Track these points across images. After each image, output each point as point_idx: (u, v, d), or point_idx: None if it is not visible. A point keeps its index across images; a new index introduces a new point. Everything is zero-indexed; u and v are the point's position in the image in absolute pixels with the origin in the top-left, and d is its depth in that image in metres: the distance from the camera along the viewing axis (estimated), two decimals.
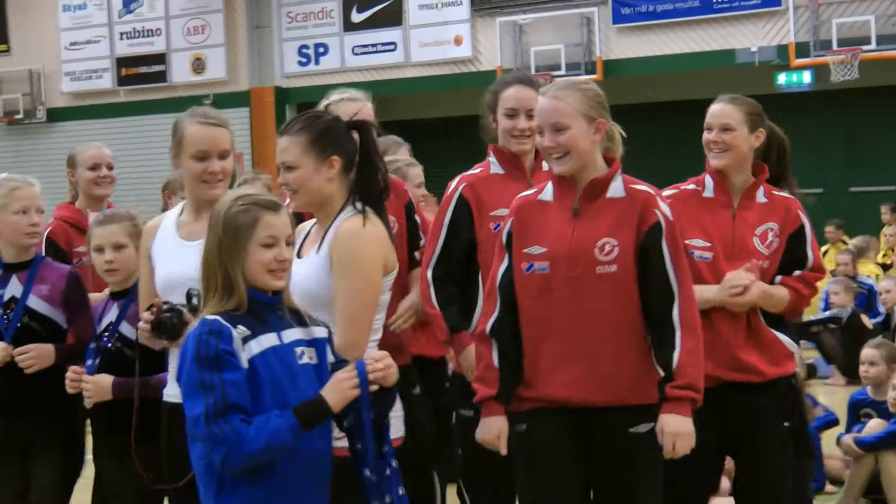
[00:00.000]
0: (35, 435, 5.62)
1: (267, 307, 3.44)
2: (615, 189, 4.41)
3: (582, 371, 4.23)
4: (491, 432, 4.34)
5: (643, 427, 4.28)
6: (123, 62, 26.11)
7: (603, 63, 21.81)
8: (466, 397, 4.90)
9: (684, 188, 5.07)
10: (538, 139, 4.51)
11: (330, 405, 3.29)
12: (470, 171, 5.25)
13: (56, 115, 26.95)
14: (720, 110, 4.94)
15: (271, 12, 25.31)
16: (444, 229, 5.12)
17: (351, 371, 3.42)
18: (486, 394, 4.40)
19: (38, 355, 5.47)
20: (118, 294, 5.39)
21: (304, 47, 24.80)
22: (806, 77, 20.04)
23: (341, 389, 3.33)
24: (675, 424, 4.13)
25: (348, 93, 5.65)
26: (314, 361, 3.47)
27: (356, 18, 24.00)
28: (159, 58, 25.78)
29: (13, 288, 5.60)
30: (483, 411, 4.44)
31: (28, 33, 27.75)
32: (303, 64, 24.88)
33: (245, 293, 3.36)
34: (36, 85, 27.11)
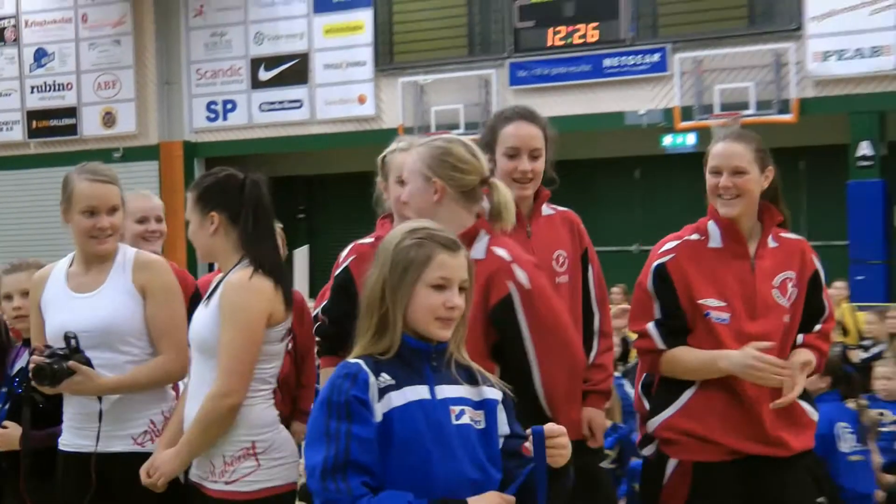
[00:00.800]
0: None
1: (421, 356, 3.07)
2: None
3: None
4: None
5: None
6: (34, 115, 26.02)
7: None
8: None
9: (687, 238, 4.47)
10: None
11: None
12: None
13: None
14: (730, 150, 4.32)
15: (181, 69, 25.26)
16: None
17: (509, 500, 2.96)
18: None
19: None
20: (29, 340, 5.39)
21: (213, 103, 24.70)
22: (690, 139, 19.85)
23: None
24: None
25: (404, 141, 5.18)
26: (480, 425, 3.05)
27: (263, 76, 24.10)
28: (70, 111, 25.64)
29: None
30: None
31: None
32: (211, 119, 24.79)
33: (399, 337, 3.03)
34: None
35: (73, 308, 4.82)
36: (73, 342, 4.71)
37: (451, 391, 3.00)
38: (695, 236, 4.36)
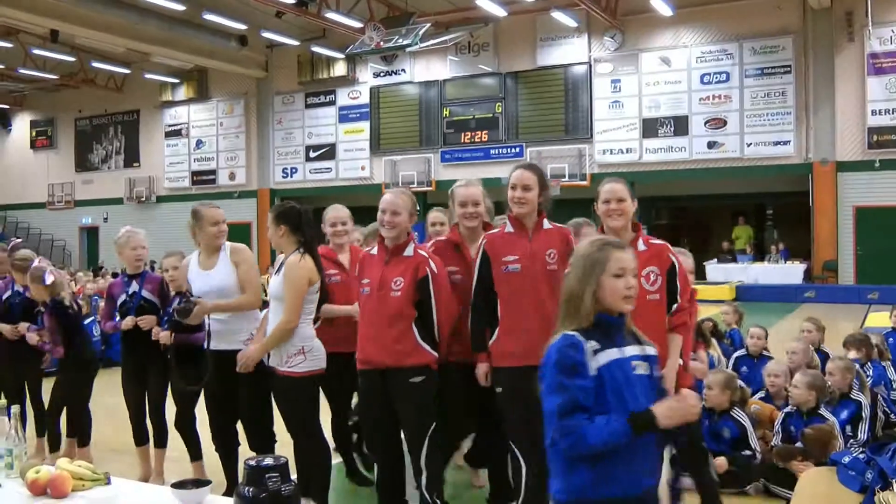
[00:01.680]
0: (146, 361, 6.99)
1: (614, 327, 3.33)
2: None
3: None
4: None
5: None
6: (195, 173, 34.49)
7: (436, 182, 28.75)
8: None
9: None
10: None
11: (658, 421, 3.12)
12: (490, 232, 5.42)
13: (160, 200, 34.92)
14: (615, 187, 5.04)
15: (270, 151, 32.87)
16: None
17: (686, 403, 3.21)
18: None
19: (149, 321, 6.88)
20: (179, 291, 6.83)
21: (285, 169, 32.65)
22: None
23: (673, 412, 3.16)
24: None
25: (464, 180, 6.01)
26: (647, 373, 3.32)
27: (311, 155, 31.95)
28: (212, 171, 34.03)
29: (133, 286, 7.06)
30: None
31: (148, 155, 35.95)
32: (284, 177, 32.58)
33: (593, 315, 3.28)
34: (151, 183, 35.34)
35: (206, 279, 6.25)
36: (189, 294, 6.24)
37: (631, 350, 3.32)
38: None
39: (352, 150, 31.21)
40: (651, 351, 3.42)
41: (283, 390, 5.81)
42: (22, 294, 7.81)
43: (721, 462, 6.54)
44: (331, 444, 6.27)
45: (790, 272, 25.40)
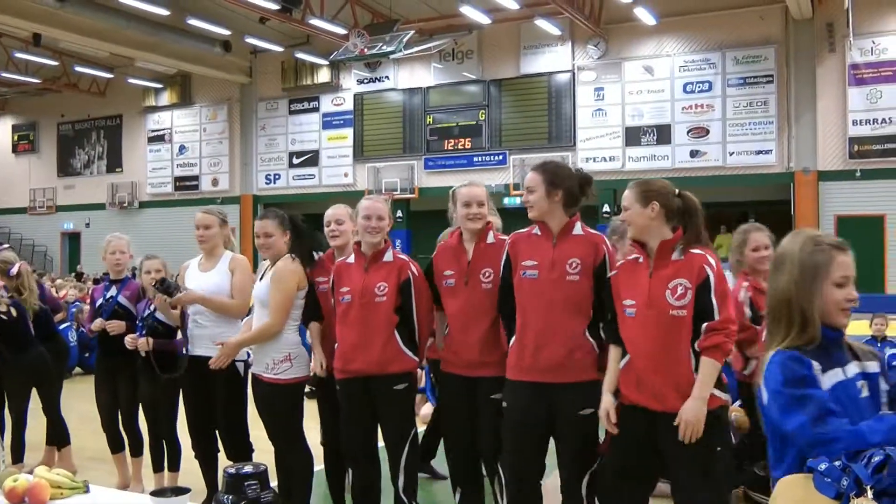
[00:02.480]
0: (117, 368, 6.95)
1: (835, 343, 3.00)
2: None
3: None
4: None
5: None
6: (177, 179, 34.25)
7: (419, 189, 28.53)
8: None
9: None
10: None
11: None
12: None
13: (143, 206, 34.75)
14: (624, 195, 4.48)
15: (253, 157, 32.68)
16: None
17: None
18: None
19: (117, 325, 6.88)
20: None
21: (269, 175, 32.52)
22: (517, 200, 22.48)
23: None
24: None
25: (469, 180, 5.85)
26: (869, 394, 2.97)
27: (295, 161, 31.82)
28: (196, 177, 33.93)
29: (112, 291, 7.07)
30: None
31: (130, 160, 35.67)
32: (267, 183, 32.46)
33: (819, 329, 2.94)
34: (134, 189, 35.06)
35: (201, 279, 6.30)
36: (175, 280, 6.25)
37: (852, 369, 2.95)
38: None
39: (335, 157, 31.19)
40: (872, 367, 3.07)
41: (269, 397, 5.79)
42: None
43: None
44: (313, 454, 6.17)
45: None
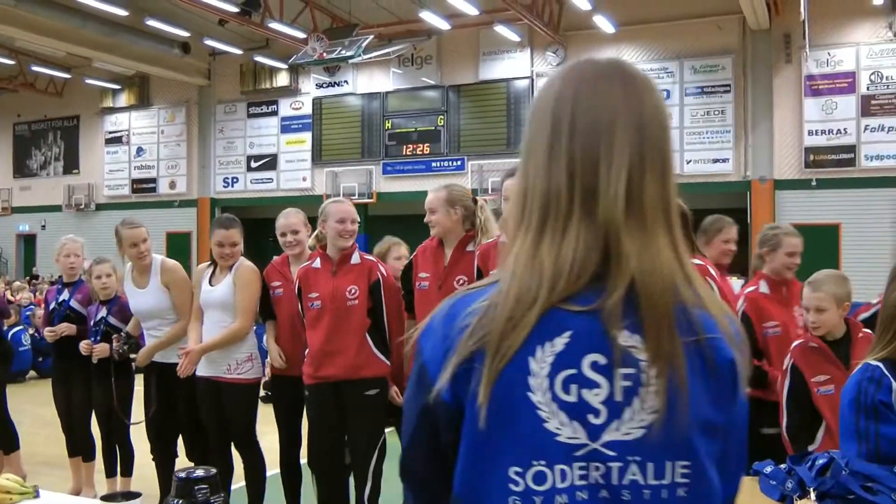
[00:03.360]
0: (71, 371, 6.93)
1: None
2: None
3: None
4: None
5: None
6: (136, 181, 33.67)
7: (377, 194, 28.32)
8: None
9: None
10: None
11: None
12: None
13: (100, 208, 33.96)
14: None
15: (211, 160, 32.23)
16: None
17: None
18: None
19: (66, 328, 6.90)
20: (105, 301, 6.75)
21: (226, 178, 32.09)
22: None
23: None
24: None
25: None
26: None
27: (253, 165, 31.44)
28: (153, 180, 33.40)
29: (64, 295, 7.04)
30: None
31: (87, 162, 34.93)
32: (225, 186, 32.08)
33: None
34: (91, 191, 34.33)
35: (140, 298, 6.30)
36: (128, 338, 6.43)
37: None
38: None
39: (293, 161, 30.68)
40: None
41: (234, 397, 5.92)
42: None
43: None
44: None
45: None
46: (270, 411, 6.39)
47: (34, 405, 7.93)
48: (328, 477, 5.70)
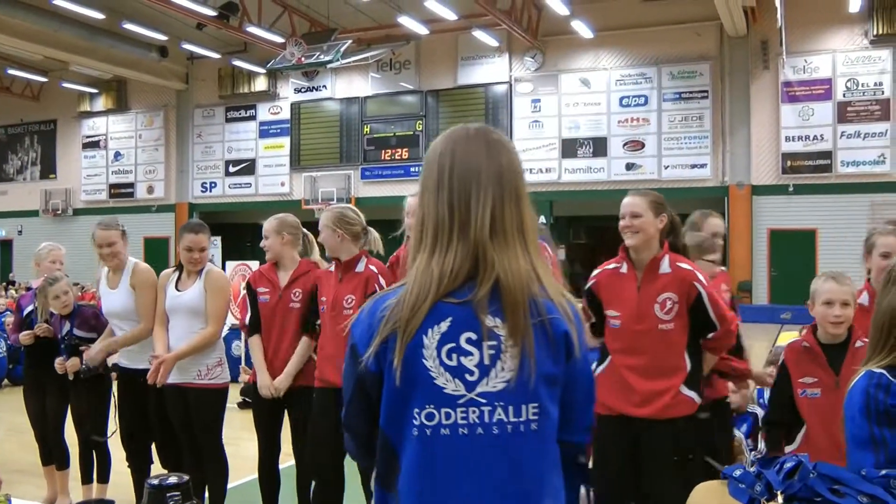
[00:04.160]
0: (46, 378, 6.75)
1: None
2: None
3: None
4: None
5: None
6: (113, 186, 33.69)
7: (356, 199, 27.85)
8: None
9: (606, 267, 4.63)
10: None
11: None
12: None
13: (77, 213, 33.99)
14: (628, 201, 4.55)
15: (189, 165, 32.32)
16: None
17: None
18: None
19: (43, 329, 6.72)
20: (66, 315, 6.55)
21: (204, 183, 32.15)
22: None
23: None
24: None
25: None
26: None
27: (231, 170, 31.50)
28: (131, 185, 33.44)
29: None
30: None
31: (65, 167, 35.00)
32: (203, 191, 32.19)
33: None
34: (68, 196, 34.37)
35: (110, 298, 6.24)
36: (83, 350, 6.39)
37: None
38: (612, 265, 4.68)
39: (272, 166, 30.92)
40: None
41: (205, 402, 5.81)
42: None
43: None
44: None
45: None
46: (249, 418, 6.28)
47: (9, 413, 7.84)
48: (327, 484, 5.71)
